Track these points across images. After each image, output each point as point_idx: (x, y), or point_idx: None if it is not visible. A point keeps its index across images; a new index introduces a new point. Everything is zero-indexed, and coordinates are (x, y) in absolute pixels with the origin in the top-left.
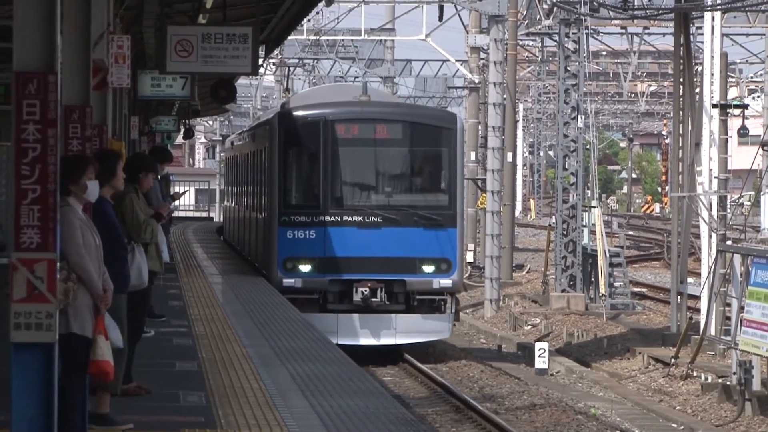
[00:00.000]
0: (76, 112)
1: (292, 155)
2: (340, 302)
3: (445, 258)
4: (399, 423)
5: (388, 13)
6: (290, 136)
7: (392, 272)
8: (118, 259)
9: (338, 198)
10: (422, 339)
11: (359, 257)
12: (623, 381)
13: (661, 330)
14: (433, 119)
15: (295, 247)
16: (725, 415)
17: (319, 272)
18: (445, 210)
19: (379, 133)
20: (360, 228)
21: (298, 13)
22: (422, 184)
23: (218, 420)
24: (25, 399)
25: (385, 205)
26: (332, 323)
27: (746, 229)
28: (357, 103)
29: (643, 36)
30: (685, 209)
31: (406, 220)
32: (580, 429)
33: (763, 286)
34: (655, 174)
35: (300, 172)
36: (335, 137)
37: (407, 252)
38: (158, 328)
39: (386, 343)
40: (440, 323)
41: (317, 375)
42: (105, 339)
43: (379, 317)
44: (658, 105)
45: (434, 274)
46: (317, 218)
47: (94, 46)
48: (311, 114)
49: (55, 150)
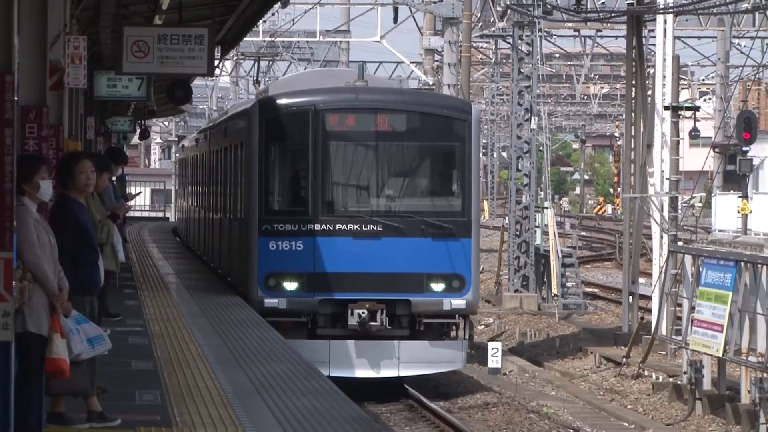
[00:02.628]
0: (32, 112)
1: (276, 151)
2: (332, 326)
3: (457, 274)
4: (353, 422)
5: (343, 15)
6: (273, 128)
7: (395, 291)
8: (89, 263)
9: (330, 202)
10: (430, 370)
11: (355, 273)
12: (575, 380)
13: (612, 330)
14: (444, 109)
15: (279, 261)
16: (676, 414)
17: (307, 291)
18: (458, 217)
19: (380, 124)
20: (356, 238)
21: (254, 15)
22: (430, 185)
23: (174, 418)
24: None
25: (387, 211)
26: (323, 352)
27: (697, 230)
28: (352, 89)
29: (596, 39)
30: (636, 210)
31: (411, 229)
32: (533, 428)
33: (713, 287)
34: (608, 175)
35: (285, 171)
36: (327, 130)
37: (412, 267)
38: (114, 328)
39: (387, 375)
40: (452, 351)
41: (272, 375)
42: (60, 337)
43: (378, 345)
44: (611, 107)
45: (445, 293)
46: (305, 226)
47: (51, 47)
48: (298, 102)
49: (11, 150)
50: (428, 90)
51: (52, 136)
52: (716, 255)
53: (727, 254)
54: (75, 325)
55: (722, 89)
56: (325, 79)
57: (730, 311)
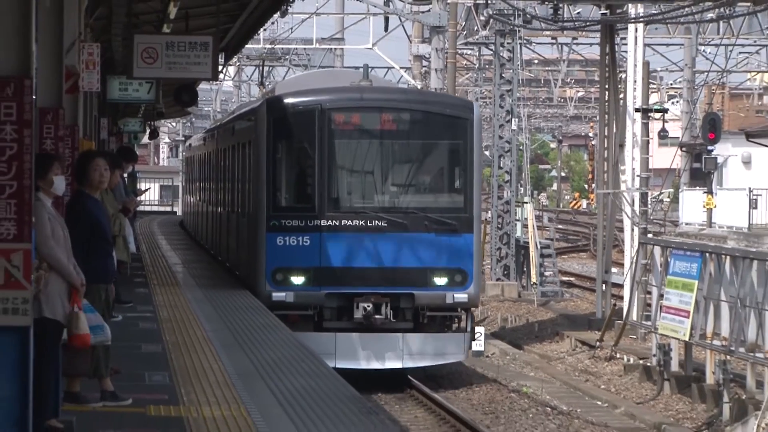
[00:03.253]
0: (49, 114)
1: (283, 149)
2: (338, 319)
3: (459, 269)
4: (347, 400)
5: (337, 24)
6: (280, 126)
7: (399, 285)
8: (103, 254)
9: (336, 199)
10: (433, 362)
11: (360, 267)
12: (552, 362)
13: (587, 315)
14: (447, 107)
15: (287, 256)
16: (646, 394)
17: (314, 285)
18: (461, 213)
19: (384, 123)
20: (361, 233)
21: (255, 23)
22: (434, 182)
23: (181, 398)
24: (3, 379)
25: (391, 207)
26: (329, 344)
27: (666, 223)
28: (357, 88)
29: (572, 46)
30: (609, 205)
31: (414, 225)
32: (513, 406)
33: (680, 276)
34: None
35: (292, 168)
36: (333, 128)
37: (416, 261)
38: (125, 314)
39: (392, 366)
40: (454, 344)
41: (273, 358)
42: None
43: (383, 337)
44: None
45: (447, 287)
46: (312, 222)
47: (67, 53)
48: (305, 101)
49: (30, 149)
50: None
51: (68, 136)
52: (683, 246)
53: (694, 246)
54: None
55: (689, 93)
56: (329, 79)
57: (696, 298)
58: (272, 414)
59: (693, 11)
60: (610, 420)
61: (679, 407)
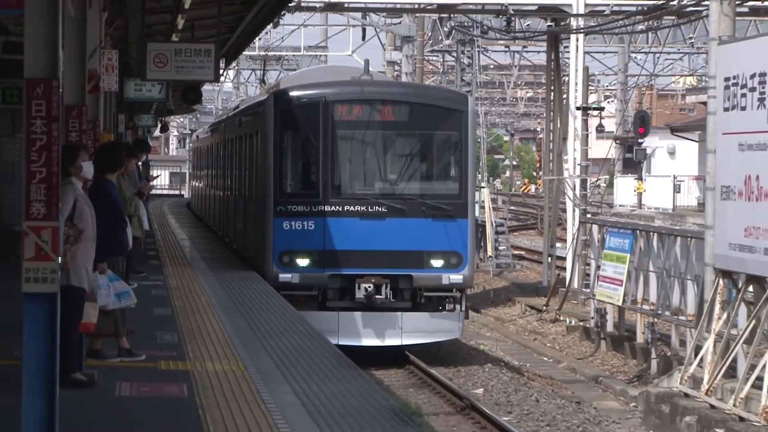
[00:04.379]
0: (74, 111)
1: (289, 139)
2: (340, 299)
3: (455, 251)
4: (330, 356)
5: (322, 34)
6: (287, 118)
7: (398, 267)
8: (120, 230)
9: (339, 186)
10: (430, 339)
11: (362, 250)
12: (505, 324)
13: (535, 284)
14: (443, 100)
15: (292, 240)
16: (585, 351)
17: (318, 267)
18: (456, 199)
19: (384, 115)
20: (363, 218)
21: (251, 33)
22: (430, 171)
23: (187, 354)
24: (34, 338)
25: (390, 193)
26: (332, 322)
27: (602, 205)
28: (359, 82)
29: (522, 53)
30: (554, 189)
31: (412, 210)
32: (472, 360)
33: (615, 250)
34: (531, 162)
35: (297, 157)
36: (336, 119)
37: (414, 245)
38: (140, 282)
39: (391, 343)
40: (450, 322)
41: (266, 320)
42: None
43: (383, 316)
44: (534, 107)
45: (443, 269)
46: (316, 208)
47: (89, 59)
48: (310, 94)
49: (58, 141)
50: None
51: (90, 129)
52: (617, 225)
53: (626, 224)
54: (107, 282)
55: (622, 93)
56: (330, 74)
57: (628, 269)
58: (265, 368)
59: (625, 24)
60: (554, 373)
61: (613, 362)
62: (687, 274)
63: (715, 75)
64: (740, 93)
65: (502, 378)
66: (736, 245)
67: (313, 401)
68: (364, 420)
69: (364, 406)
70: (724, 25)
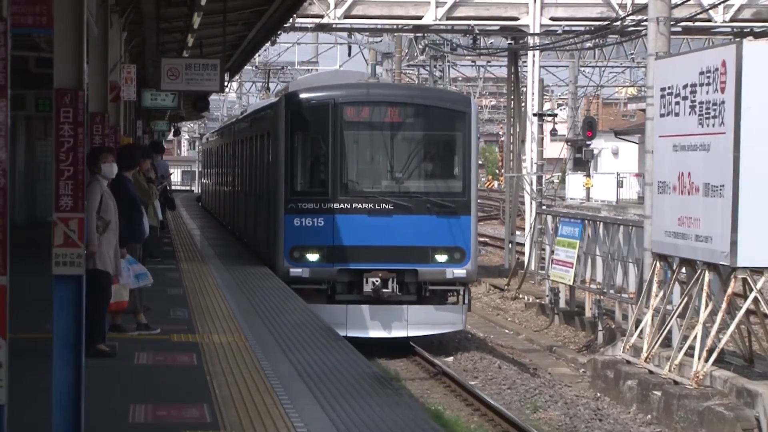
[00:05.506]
0: (98, 117)
1: (299, 139)
2: (349, 293)
3: (458, 247)
4: (321, 330)
5: (313, 51)
6: (297, 119)
7: (404, 262)
8: (137, 220)
9: (347, 184)
10: (434, 331)
11: (369, 246)
12: (472, 301)
13: (498, 266)
14: (447, 102)
15: (303, 236)
16: (541, 324)
17: (327, 262)
18: (459, 197)
19: (390, 116)
20: (370, 215)
21: (252, 50)
22: (435, 169)
23: (197, 328)
24: (63, 315)
25: (397, 191)
26: (341, 315)
27: (556, 198)
28: (366, 85)
29: (487, 67)
30: (514, 185)
31: (418, 208)
32: (443, 333)
33: (566, 237)
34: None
35: (307, 157)
36: (344, 120)
37: (419, 241)
38: (155, 266)
39: (397, 335)
40: (453, 315)
41: (266, 299)
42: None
43: (390, 309)
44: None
45: (447, 264)
46: (325, 205)
47: (111, 72)
48: (319, 96)
49: (83, 143)
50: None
51: (112, 134)
52: (568, 215)
53: (576, 215)
54: (128, 265)
55: (572, 102)
56: (337, 78)
57: (578, 254)
58: (265, 340)
59: (575, 41)
60: (514, 343)
61: (565, 334)
62: (629, 257)
63: (652, 86)
64: (674, 101)
65: (469, 348)
66: (671, 232)
67: (305, 368)
68: (350, 384)
69: (350, 372)
70: (660, 43)
